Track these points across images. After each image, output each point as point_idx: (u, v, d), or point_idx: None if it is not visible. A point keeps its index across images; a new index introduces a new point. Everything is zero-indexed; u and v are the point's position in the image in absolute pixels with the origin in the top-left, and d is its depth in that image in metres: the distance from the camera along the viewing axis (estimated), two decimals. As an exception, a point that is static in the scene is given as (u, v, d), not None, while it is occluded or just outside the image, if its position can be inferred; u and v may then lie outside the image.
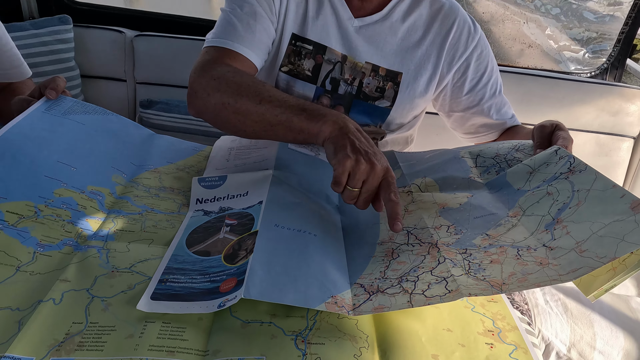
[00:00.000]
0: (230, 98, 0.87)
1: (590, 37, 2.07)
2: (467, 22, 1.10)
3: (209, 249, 0.62)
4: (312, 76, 1.07)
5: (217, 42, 0.97)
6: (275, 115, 0.83)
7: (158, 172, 0.80)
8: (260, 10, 0.99)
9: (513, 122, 1.16)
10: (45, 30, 1.54)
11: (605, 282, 0.56)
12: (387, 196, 0.67)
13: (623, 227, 0.56)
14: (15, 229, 0.60)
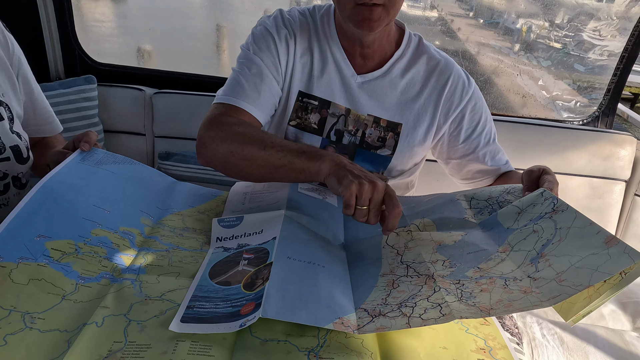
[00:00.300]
0: (237, 147, 0.98)
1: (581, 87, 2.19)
2: (462, 77, 1.20)
3: (229, 280, 0.69)
4: (318, 128, 1.17)
5: (225, 100, 1.08)
6: (278, 158, 0.94)
7: (181, 215, 0.89)
8: (266, 71, 1.11)
9: (507, 168, 1.24)
10: (72, 89, 1.68)
11: (582, 308, 0.63)
12: (391, 207, 0.79)
13: (597, 259, 0.64)
14: (59, 263, 0.68)
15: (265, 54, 1.11)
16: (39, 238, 0.69)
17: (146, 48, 6.58)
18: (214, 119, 1.05)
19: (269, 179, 0.99)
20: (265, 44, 1.11)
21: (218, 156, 1.01)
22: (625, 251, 0.63)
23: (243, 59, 1.13)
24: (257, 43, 1.12)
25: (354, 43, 1.13)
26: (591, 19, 4.30)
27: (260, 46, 1.11)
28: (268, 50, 1.11)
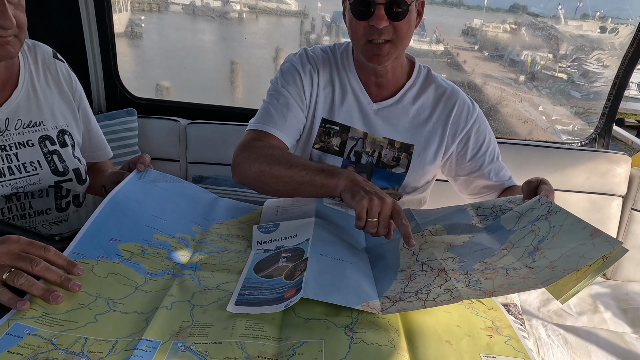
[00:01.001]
0: (266, 166, 1.11)
1: (578, 112, 2.30)
2: (467, 102, 1.31)
3: (272, 273, 0.80)
4: (339, 150, 1.29)
5: (256, 126, 1.22)
6: (301, 176, 1.07)
7: (225, 224, 1.00)
8: (292, 101, 1.24)
9: (510, 183, 1.34)
10: (116, 121, 1.83)
11: (571, 289, 0.73)
12: (399, 222, 0.88)
13: (584, 248, 0.75)
14: (130, 262, 0.79)
15: (291, 86, 1.25)
16: (112, 241, 0.81)
17: (164, 84, 6.83)
18: (246, 143, 1.18)
19: (294, 194, 1.11)
20: (292, 78, 1.25)
21: (250, 175, 1.14)
22: (607, 240, 0.73)
23: (272, 91, 1.27)
24: (285, 77, 1.26)
25: (369, 74, 1.26)
26: (594, 50, 4.44)
27: (287, 80, 1.25)
28: (294, 83, 1.25)
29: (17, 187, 1.06)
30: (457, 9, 9.43)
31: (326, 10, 9.75)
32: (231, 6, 12.56)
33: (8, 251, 0.68)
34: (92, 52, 1.90)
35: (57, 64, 1.19)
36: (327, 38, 9.75)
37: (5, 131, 1.05)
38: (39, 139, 1.11)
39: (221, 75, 8.13)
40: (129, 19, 9.77)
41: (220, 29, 11.47)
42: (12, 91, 1.08)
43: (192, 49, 9.02)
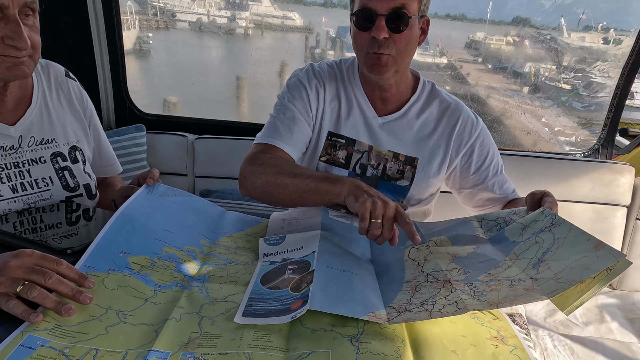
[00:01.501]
0: (272, 177, 1.13)
1: (580, 122, 2.31)
2: (470, 116, 1.33)
3: (278, 285, 0.81)
4: (345, 163, 1.31)
5: (263, 140, 1.24)
6: (306, 184, 1.08)
7: (233, 237, 1.02)
8: (298, 115, 1.26)
9: (514, 196, 1.35)
10: (125, 136, 1.86)
11: (576, 300, 0.73)
12: (403, 221, 0.90)
13: (588, 260, 0.75)
14: (139, 274, 0.80)
15: (298, 101, 1.27)
16: (122, 254, 0.82)
17: (171, 100, 6.90)
18: (253, 156, 1.21)
19: (299, 203, 1.12)
20: (298, 92, 1.27)
21: (257, 186, 1.16)
22: (611, 252, 0.73)
23: (279, 105, 1.29)
24: (291, 92, 1.28)
25: (374, 88, 1.28)
26: (597, 61, 4.44)
27: (294, 94, 1.27)
28: (300, 97, 1.27)
29: (29, 203, 1.08)
30: (460, 22, 9.48)
31: (330, 25, 9.85)
32: (237, 22, 12.68)
33: (22, 264, 0.69)
34: (102, 70, 1.93)
35: (69, 83, 1.22)
36: (332, 52, 9.83)
37: (18, 148, 1.08)
38: (51, 155, 1.13)
39: (227, 90, 8.20)
40: (137, 36, 9.90)
41: (226, 45, 11.60)
42: (26, 109, 1.10)
43: (199, 65, 9.13)
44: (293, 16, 12.97)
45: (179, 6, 11.85)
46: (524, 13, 6.72)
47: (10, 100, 1.08)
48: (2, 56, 0.94)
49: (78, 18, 1.82)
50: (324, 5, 11.57)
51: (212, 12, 11.81)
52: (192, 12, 11.72)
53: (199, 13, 11.73)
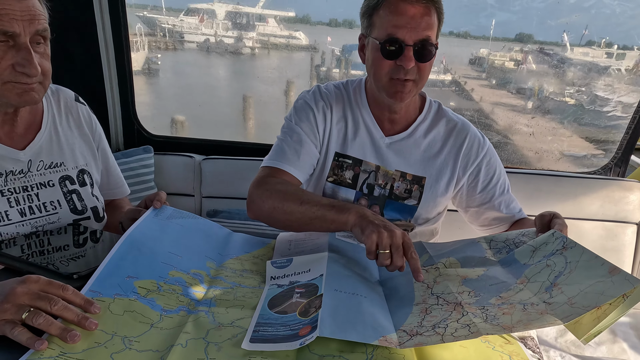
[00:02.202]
0: (278, 203, 1.12)
1: (596, 139, 2.28)
2: (477, 136, 1.33)
3: (286, 309, 0.80)
4: (352, 183, 1.30)
5: (270, 163, 1.25)
6: (313, 212, 1.07)
7: (240, 259, 1.01)
8: (305, 138, 1.26)
9: (521, 215, 1.34)
10: (133, 158, 1.87)
11: (592, 328, 0.72)
12: (409, 255, 0.88)
13: (603, 286, 0.73)
14: (145, 299, 0.79)
15: (304, 123, 1.27)
16: (128, 278, 0.81)
17: (179, 119, 6.98)
18: (260, 180, 1.21)
19: (306, 229, 1.12)
20: (305, 115, 1.28)
21: (264, 211, 1.16)
22: (626, 278, 0.72)
23: (286, 128, 1.29)
24: (298, 114, 1.29)
25: (384, 109, 1.28)
26: (601, 75, 4.44)
27: (301, 117, 1.28)
28: (307, 120, 1.27)
29: (36, 226, 1.08)
30: (464, 39, 9.55)
31: (335, 44, 9.97)
32: (244, 43, 12.82)
33: (28, 291, 0.69)
34: (111, 93, 1.96)
35: (79, 107, 1.23)
36: (337, 70, 9.94)
37: (27, 172, 1.08)
38: (59, 179, 1.13)
39: (234, 109, 8.28)
40: (146, 57, 10.04)
41: (233, 65, 11.74)
42: (36, 134, 1.11)
43: (206, 84, 9.24)
44: (298, 35, 13.13)
45: (187, 27, 12.04)
46: (527, 29, 6.74)
47: (21, 125, 1.09)
48: (12, 83, 0.95)
49: (88, 43, 1.85)
50: (329, 24, 11.70)
51: (219, 32, 12.00)
52: (200, 33, 11.91)
53: (206, 34, 11.93)
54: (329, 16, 11.19)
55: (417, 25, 1.12)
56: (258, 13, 11.89)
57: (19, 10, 0.92)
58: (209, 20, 11.70)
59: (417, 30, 1.12)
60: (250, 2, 11.98)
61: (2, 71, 0.94)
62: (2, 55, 0.93)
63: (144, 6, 11.15)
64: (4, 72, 0.94)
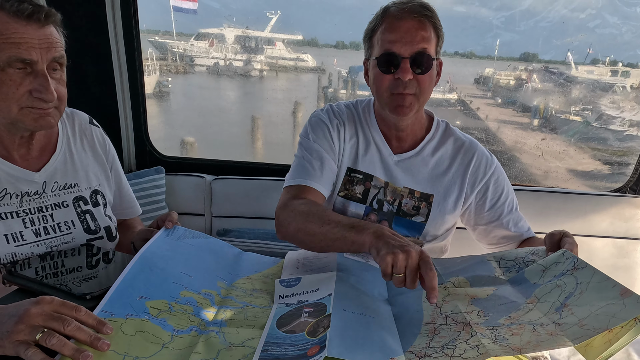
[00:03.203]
0: (302, 224, 1.11)
1: (610, 160, 2.25)
2: (485, 154, 1.33)
3: (294, 329, 0.79)
4: (362, 198, 1.31)
5: (294, 182, 1.24)
6: (334, 233, 1.04)
7: (250, 278, 1.01)
8: (324, 154, 1.27)
9: (529, 234, 1.32)
10: (145, 179, 1.88)
11: (603, 351, 0.70)
12: (425, 271, 0.83)
13: (614, 308, 0.72)
14: (157, 319, 0.79)
15: (322, 140, 1.28)
16: (140, 298, 0.81)
17: (188, 140, 7.04)
18: (286, 202, 1.20)
19: (330, 250, 1.09)
20: (322, 132, 1.29)
21: (290, 233, 1.16)
22: (638, 301, 0.71)
23: (304, 146, 1.30)
24: (315, 132, 1.30)
25: (391, 127, 1.30)
26: (607, 93, 4.41)
27: (318, 134, 1.29)
28: (324, 137, 1.29)
29: (51, 246, 1.09)
30: (469, 59, 9.61)
31: (342, 65, 10.08)
32: (252, 65, 13.00)
33: (42, 312, 0.69)
34: (124, 116, 1.99)
35: (93, 129, 1.25)
36: (344, 91, 10.03)
37: (42, 193, 1.10)
38: (73, 199, 1.15)
39: (243, 129, 8.35)
40: (157, 80, 10.19)
41: (242, 87, 11.88)
42: (51, 156, 1.13)
43: (216, 106, 9.33)
44: (306, 58, 13.30)
45: (198, 51, 12.24)
46: (532, 48, 6.76)
47: (36, 148, 1.11)
48: (29, 108, 0.97)
49: (103, 68, 1.89)
50: (336, 46, 11.85)
51: (228, 56, 12.19)
52: (210, 57, 12.09)
53: (216, 57, 12.12)
54: (335, 39, 11.31)
55: (412, 39, 1.14)
56: (266, 37, 12.09)
57: (37, 38, 0.95)
58: (218, 44, 11.90)
59: (412, 43, 1.14)
60: (259, 26, 12.19)
61: (19, 97, 0.96)
62: (20, 81, 0.95)
63: (156, 31, 11.41)
64: (22, 97, 0.96)
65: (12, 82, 0.94)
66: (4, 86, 0.94)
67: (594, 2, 7.91)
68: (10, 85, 0.94)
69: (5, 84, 0.94)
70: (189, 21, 11.21)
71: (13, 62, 0.93)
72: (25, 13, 0.93)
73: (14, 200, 1.05)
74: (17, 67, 0.94)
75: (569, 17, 9.63)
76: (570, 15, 10.77)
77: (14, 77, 0.94)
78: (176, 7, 10.76)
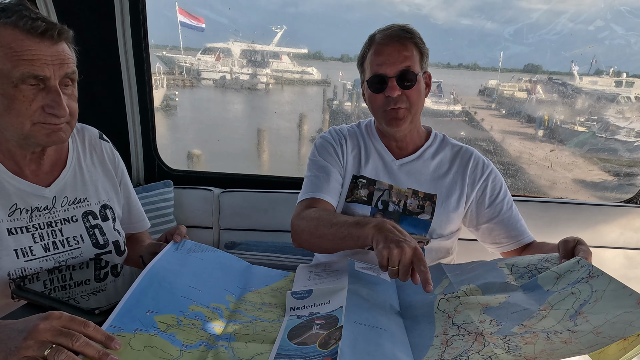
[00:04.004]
0: (313, 229, 1.21)
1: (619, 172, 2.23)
2: (481, 157, 1.44)
3: (305, 341, 0.78)
4: (367, 200, 1.37)
5: (305, 196, 1.35)
6: (341, 232, 1.13)
7: (259, 292, 0.99)
8: (331, 168, 1.37)
9: (529, 238, 1.35)
10: (153, 192, 1.88)
11: (618, 359, 0.68)
12: (419, 268, 0.91)
13: (631, 317, 0.71)
14: (165, 334, 0.78)
15: (327, 156, 1.40)
16: (149, 313, 0.81)
17: (195, 152, 7.06)
18: (300, 212, 1.31)
19: (340, 249, 1.19)
20: (326, 149, 1.42)
21: (303, 239, 1.27)
22: None
23: (313, 164, 1.41)
24: (319, 151, 1.42)
25: (391, 139, 1.41)
26: (612, 103, 4.39)
27: (323, 153, 1.41)
28: (329, 153, 1.41)
29: (59, 261, 1.08)
30: (473, 71, 9.63)
31: (347, 78, 10.11)
32: (258, 79, 13.09)
33: (50, 327, 0.68)
34: (133, 130, 2.00)
35: (102, 144, 1.25)
36: (349, 104, 10.05)
37: (52, 208, 1.09)
38: (82, 214, 1.14)
39: (249, 142, 8.37)
40: (164, 94, 10.25)
41: (248, 100, 11.95)
42: (61, 171, 1.13)
43: (222, 119, 9.38)
44: (311, 71, 13.39)
45: (204, 65, 12.36)
46: (536, 60, 6.78)
47: (47, 163, 1.11)
48: (42, 124, 0.98)
49: (112, 83, 1.90)
50: (341, 59, 11.91)
51: (235, 70, 12.29)
52: (217, 71, 12.20)
53: (222, 71, 12.22)
54: (340, 52, 11.41)
55: (396, 60, 1.27)
56: (272, 50, 12.19)
57: (50, 55, 0.96)
58: (225, 58, 12.01)
59: (396, 63, 1.26)
60: (265, 40, 12.31)
61: (32, 113, 0.96)
62: (33, 97, 0.96)
63: (163, 46, 11.53)
64: (34, 113, 0.97)
65: (25, 98, 0.95)
66: (17, 102, 0.95)
67: (602, 14, 7.92)
68: (23, 102, 0.95)
69: (19, 100, 0.95)
70: (196, 36, 11.33)
71: (26, 78, 0.94)
72: (39, 30, 0.94)
73: (24, 215, 1.05)
74: (30, 84, 0.95)
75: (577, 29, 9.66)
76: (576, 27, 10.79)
77: (27, 93, 0.95)
78: (184, 23, 10.90)
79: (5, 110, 0.96)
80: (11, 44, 0.92)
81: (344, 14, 30.56)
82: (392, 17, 13.46)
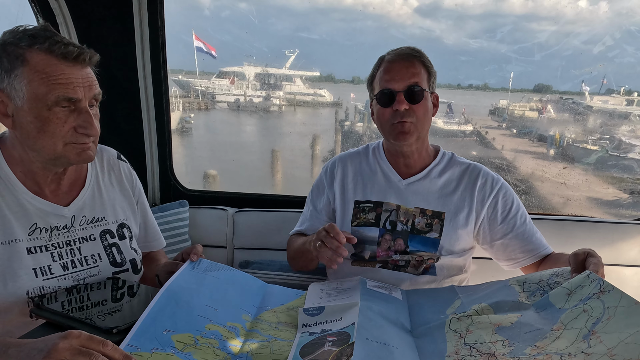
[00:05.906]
0: (291, 253, 1.46)
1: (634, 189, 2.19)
2: (490, 173, 1.41)
3: (317, 358, 0.76)
4: (375, 222, 1.37)
5: (295, 230, 1.53)
6: (301, 249, 1.35)
7: (275, 311, 0.98)
8: (318, 204, 1.49)
9: (546, 249, 1.32)
10: (169, 212, 1.89)
11: None
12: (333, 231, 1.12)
13: None
14: (182, 353, 0.77)
15: (316, 198, 1.50)
16: (166, 332, 0.80)
17: (211, 173, 7.11)
18: (288, 243, 1.51)
19: (306, 262, 1.38)
20: (317, 192, 1.51)
21: (290, 263, 1.49)
22: None
23: (308, 200, 1.53)
24: (313, 193, 1.52)
25: (398, 157, 1.40)
26: (624, 121, 4.33)
27: (314, 193, 1.52)
28: (318, 194, 1.50)
29: (78, 280, 1.08)
30: (483, 92, 9.63)
31: (359, 99, 10.20)
32: (272, 101, 13.27)
33: (70, 346, 0.68)
34: (150, 151, 2.02)
35: (120, 164, 1.26)
36: (360, 124, 10.11)
37: (71, 227, 1.10)
38: (100, 233, 1.15)
39: (263, 162, 8.44)
40: (180, 117, 10.41)
41: (261, 122, 12.10)
42: (80, 191, 1.14)
43: (236, 140, 9.48)
44: (323, 93, 13.53)
45: (219, 89, 12.55)
46: (546, 80, 6.76)
47: (66, 183, 1.12)
48: (73, 144, 1.01)
49: (131, 106, 1.93)
50: (352, 81, 12.02)
51: (248, 93, 12.47)
52: (231, 94, 12.39)
53: (236, 94, 12.40)
54: (352, 74, 11.51)
55: (404, 76, 1.29)
56: (285, 74, 12.38)
57: (81, 77, 0.99)
58: (239, 81, 12.20)
59: (404, 79, 1.29)
60: (278, 64, 12.49)
61: (65, 134, 0.99)
62: (65, 119, 0.99)
63: (179, 70, 11.79)
64: (67, 134, 0.99)
65: (59, 120, 0.98)
66: (51, 124, 0.98)
67: (611, 32, 7.92)
68: (57, 123, 0.98)
69: (53, 122, 0.98)
70: (211, 60, 11.54)
71: (60, 101, 0.97)
72: (73, 56, 0.97)
73: (43, 234, 1.06)
74: (62, 106, 0.98)
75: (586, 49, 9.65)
76: (586, 47, 10.79)
77: (60, 115, 0.98)
78: (199, 49, 11.14)
79: (39, 132, 0.98)
80: (46, 69, 0.96)
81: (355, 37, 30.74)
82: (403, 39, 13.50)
